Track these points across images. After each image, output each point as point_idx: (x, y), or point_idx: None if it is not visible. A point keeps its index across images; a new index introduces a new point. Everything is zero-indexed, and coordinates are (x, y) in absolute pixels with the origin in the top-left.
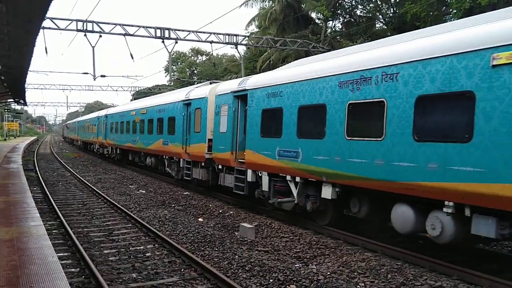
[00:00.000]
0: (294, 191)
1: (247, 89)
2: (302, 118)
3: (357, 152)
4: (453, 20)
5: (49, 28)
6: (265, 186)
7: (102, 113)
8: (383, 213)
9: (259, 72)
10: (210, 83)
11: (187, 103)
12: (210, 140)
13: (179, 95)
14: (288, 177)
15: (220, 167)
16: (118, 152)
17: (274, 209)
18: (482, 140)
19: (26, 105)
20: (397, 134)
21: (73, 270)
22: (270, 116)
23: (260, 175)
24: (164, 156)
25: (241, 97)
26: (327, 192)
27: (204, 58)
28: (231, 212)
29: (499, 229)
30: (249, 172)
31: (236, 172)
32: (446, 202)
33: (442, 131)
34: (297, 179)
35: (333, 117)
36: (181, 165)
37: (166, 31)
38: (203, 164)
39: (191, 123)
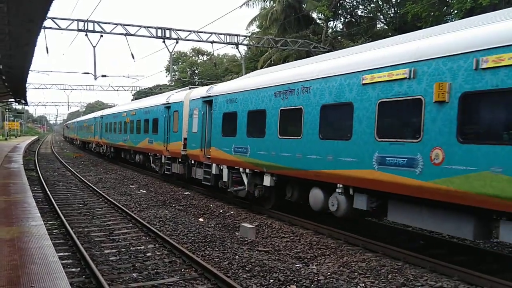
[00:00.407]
0: (246, 181)
1: (212, 96)
2: (250, 120)
3: (286, 148)
4: (455, 20)
5: (50, 28)
6: (225, 177)
7: (98, 114)
8: (306, 196)
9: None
10: (189, 88)
11: (167, 106)
12: (185, 139)
13: (162, 99)
14: (241, 169)
15: (192, 162)
16: (112, 150)
17: (235, 197)
18: (356, 138)
19: (27, 104)
20: (310, 134)
21: (73, 270)
22: (228, 119)
23: (221, 168)
24: (149, 153)
25: (209, 102)
26: (267, 181)
27: (205, 58)
28: (232, 212)
29: (369, 203)
30: (214, 166)
31: (204, 166)
32: (338, 185)
33: (335, 132)
34: (247, 170)
35: (270, 120)
36: (163, 161)
37: (167, 31)
38: (180, 160)
39: (171, 124)
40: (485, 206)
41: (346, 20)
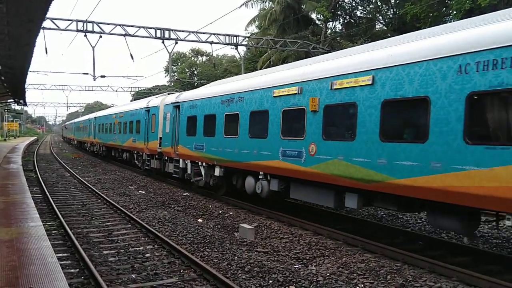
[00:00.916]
0: (203, 172)
1: (180, 102)
2: (206, 123)
3: (228, 145)
4: (454, 20)
5: (49, 28)
6: (189, 170)
7: (92, 115)
8: (244, 183)
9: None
10: (168, 94)
11: (147, 110)
12: (160, 138)
13: (143, 103)
14: (200, 163)
15: (166, 158)
16: (104, 149)
17: (198, 187)
18: (270, 137)
19: (26, 105)
20: (243, 134)
21: (72, 270)
22: (191, 121)
23: (186, 162)
24: (133, 151)
25: (177, 107)
26: (217, 172)
27: (204, 58)
28: (231, 213)
29: (280, 185)
30: (181, 161)
31: (174, 161)
32: (260, 173)
33: (259, 132)
34: (204, 164)
35: (219, 123)
36: (143, 158)
37: (166, 32)
38: (156, 156)
39: (150, 125)
40: (336, 183)
41: (345, 21)
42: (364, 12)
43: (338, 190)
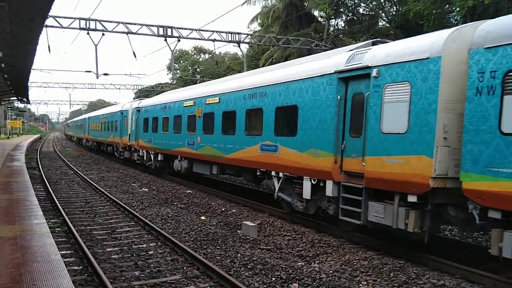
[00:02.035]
0: (152, 158)
1: (140, 107)
2: (153, 122)
3: (164, 138)
4: (457, 18)
5: (52, 26)
6: (145, 157)
7: (87, 115)
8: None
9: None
10: (140, 99)
11: (121, 112)
12: (129, 135)
13: (119, 107)
14: (151, 152)
15: (133, 149)
16: (95, 144)
17: (153, 169)
18: (182, 132)
19: (29, 103)
20: (170, 130)
21: (76, 268)
22: (145, 122)
23: (144, 152)
24: (113, 145)
25: (139, 110)
26: (160, 157)
27: (206, 56)
28: (234, 210)
29: (188, 164)
30: (141, 151)
31: (137, 151)
32: (178, 156)
33: (177, 129)
34: (152, 152)
35: (159, 122)
36: (120, 150)
37: (169, 30)
38: (127, 148)
39: (123, 125)
40: (209, 159)
41: (348, 18)
42: (367, 9)
43: (210, 163)
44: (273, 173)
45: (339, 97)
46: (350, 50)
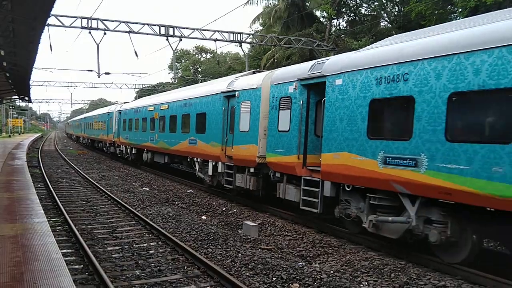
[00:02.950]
0: (129, 152)
1: (121, 109)
2: (129, 123)
3: (135, 135)
4: (460, 18)
5: (54, 25)
6: (124, 151)
7: (83, 116)
8: (145, 156)
9: (263, 69)
10: (124, 103)
11: (108, 113)
12: (114, 133)
13: (107, 109)
14: (128, 147)
15: (116, 144)
16: (89, 141)
17: (132, 161)
18: (147, 131)
19: (30, 102)
20: (139, 129)
21: (76, 266)
22: (125, 122)
23: (123, 147)
24: (103, 141)
25: (120, 112)
26: (133, 151)
27: (208, 56)
28: (235, 210)
29: (151, 156)
30: (121, 146)
31: (118, 146)
32: (145, 150)
33: (143, 128)
34: (128, 147)
35: (133, 123)
36: (107, 145)
37: (171, 29)
38: (112, 144)
39: (109, 124)
40: (163, 151)
41: (350, 19)
42: (369, 9)
43: (163, 154)
44: (195, 159)
45: (224, 108)
46: (234, 79)
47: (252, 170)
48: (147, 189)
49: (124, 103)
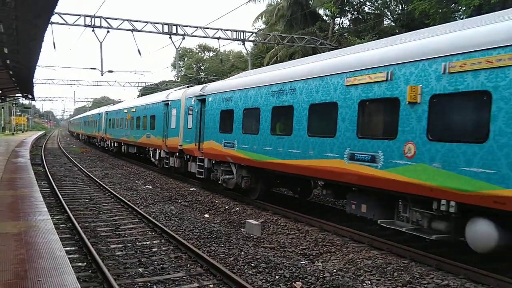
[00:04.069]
0: (113, 146)
1: (107, 111)
2: (114, 121)
3: (119, 132)
4: (464, 17)
5: (57, 23)
6: (111, 145)
7: (82, 115)
8: (123, 148)
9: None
10: (112, 105)
11: (99, 114)
12: (103, 130)
13: (98, 110)
14: (112, 141)
15: (104, 140)
16: (86, 137)
17: (123, 155)
18: (123, 128)
19: (34, 99)
20: (119, 127)
21: (80, 264)
22: (110, 121)
23: (109, 142)
24: (96, 137)
25: (107, 113)
26: (116, 144)
27: (211, 54)
28: (237, 209)
29: (128, 147)
30: (108, 141)
31: (106, 141)
32: (122, 143)
33: (122, 127)
34: (112, 141)
35: (118, 121)
36: (98, 140)
37: (174, 27)
38: (101, 138)
39: (100, 123)
40: (138, 145)
41: (353, 17)
42: (372, 8)
43: (134, 146)
44: (150, 148)
45: (164, 112)
46: (169, 93)
47: (177, 154)
48: (150, 187)
49: (112, 104)
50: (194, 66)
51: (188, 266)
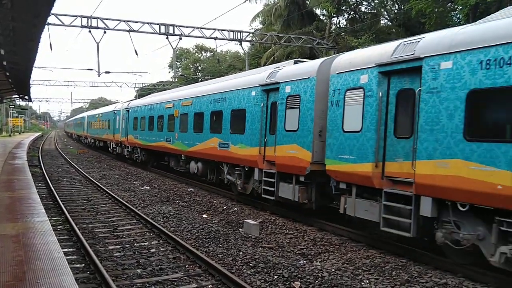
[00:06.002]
0: (92, 141)
1: (88, 115)
2: (92, 123)
3: (96, 131)
4: (459, 16)
5: (54, 24)
6: (134, 152)
7: (78, 116)
8: (103, 144)
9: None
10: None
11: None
12: (86, 130)
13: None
14: (92, 138)
15: (123, 145)
16: (78, 136)
17: (96, 147)
18: (100, 129)
19: (31, 101)
20: (93, 128)
21: (78, 265)
22: (89, 123)
23: (90, 139)
24: (83, 136)
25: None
26: (92, 140)
27: (208, 54)
28: (235, 209)
29: (128, 149)
30: (129, 147)
31: (126, 147)
32: (126, 144)
33: (102, 126)
34: (91, 138)
35: (94, 123)
36: (113, 145)
37: (170, 28)
38: (118, 143)
39: (85, 124)
40: (126, 143)
41: (350, 17)
42: (369, 7)
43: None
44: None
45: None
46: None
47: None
48: (148, 188)
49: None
50: (191, 66)
51: (186, 266)
